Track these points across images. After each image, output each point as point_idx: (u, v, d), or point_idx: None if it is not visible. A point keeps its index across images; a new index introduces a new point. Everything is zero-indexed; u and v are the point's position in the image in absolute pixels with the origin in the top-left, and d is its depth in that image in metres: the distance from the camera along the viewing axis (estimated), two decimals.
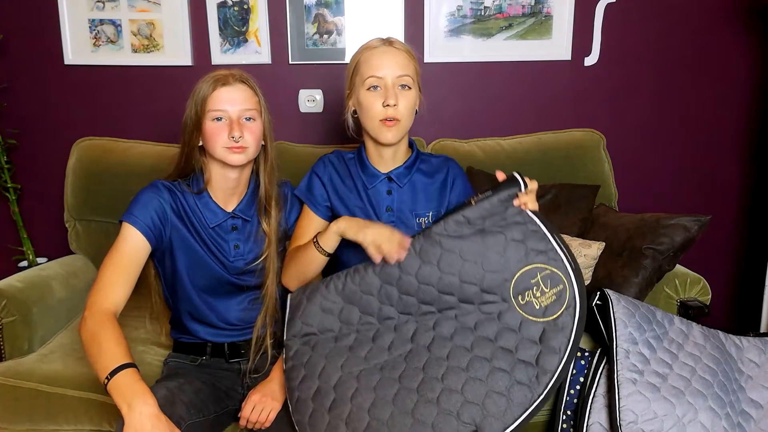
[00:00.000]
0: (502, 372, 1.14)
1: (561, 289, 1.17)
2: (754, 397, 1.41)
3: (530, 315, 1.17)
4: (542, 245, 1.19)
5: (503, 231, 1.20)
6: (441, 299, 1.21)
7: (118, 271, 1.22)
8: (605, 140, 2.06)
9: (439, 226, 1.23)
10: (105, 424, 1.41)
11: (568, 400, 1.46)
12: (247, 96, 1.30)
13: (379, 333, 1.23)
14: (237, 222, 1.37)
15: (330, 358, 1.22)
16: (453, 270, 1.20)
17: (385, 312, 1.24)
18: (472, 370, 1.14)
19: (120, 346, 1.10)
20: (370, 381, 1.17)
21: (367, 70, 1.34)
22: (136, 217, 1.26)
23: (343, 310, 1.26)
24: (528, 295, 1.18)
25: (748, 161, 2.31)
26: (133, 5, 2.04)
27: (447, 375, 1.14)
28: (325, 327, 1.26)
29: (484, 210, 1.21)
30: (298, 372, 1.23)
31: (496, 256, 1.19)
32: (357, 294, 1.25)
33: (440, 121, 2.17)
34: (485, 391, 1.13)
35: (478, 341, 1.17)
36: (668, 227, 1.63)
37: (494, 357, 1.15)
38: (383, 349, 1.21)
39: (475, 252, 1.20)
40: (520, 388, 1.13)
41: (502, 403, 1.12)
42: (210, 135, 1.29)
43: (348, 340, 1.24)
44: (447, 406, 1.12)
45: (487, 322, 1.18)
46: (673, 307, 1.69)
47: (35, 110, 2.12)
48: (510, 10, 2.12)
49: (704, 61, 2.22)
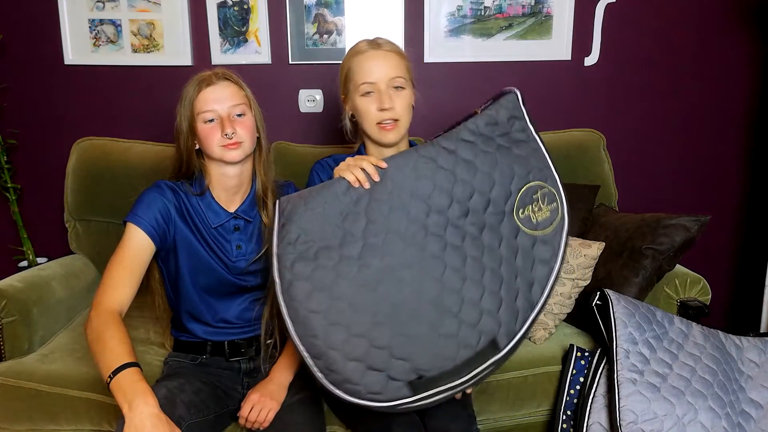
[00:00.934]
0: (506, 283, 1.17)
1: (554, 206, 1.23)
2: (754, 397, 1.41)
3: (525, 227, 1.21)
4: (542, 163, 1.25)
5: (511, 146, 1.24)
6: (452, 206, 1.19)
7: (123, 271, 1.22)
8: (605, 140, 2.06)
9: (452, 135, 1.24)
10: (105, 424, 1.41)
11: (568, 400, 1.47)
12: (233, 92, 1.31)
13: (388, 240, 1.15)
14: (239, 222, 1.37)
15: (338, 270, 1.12)
16: (467, 178, 1.20)
17: (392, 218, 1.17)
18: (487, 282, 1.16)
19: (124, 345, 1.10)
20: (388, 294, 1.12)
21: (360, 77, 1.35)
22: (140, 217, 1.26)
23: (348, 216, 1.16)
24: (527, 210, 1.21)
25: (748, 161, 2.31)
26: (133, 5, 2.04)
27: (464, 289, 1.15)
28: (326, 234, 1.14)
29: (488, 117, 1.25)
30: (302, 286, 1.11)
31: (506, 170, 1.22)
32: (365, 198, 1.17)
33: (440, 121, 2.16)
34: (498, 302, 1.15)
35: (485, 251, 1.18)
36: (668, 227, 1.63)
37: (501, 267, 1.18)
38: (395, 257, 1.14)
39: (488, 163, 1.22)
40: (522, 295, 1.18)
41: (512, 311, 1.16)
42: (204, 137, 1.29)
43: (353, 249, 1.14)
44: (468, 319, 1.13)
45: (490, 231, 1.20)
46: (673, 307, 1.69)
47: (35, 110, 2.12)
48: (510, 10, 2.12)
49: (704, 60, 2.22)
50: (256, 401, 1.28)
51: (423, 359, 1.13)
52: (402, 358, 1.11)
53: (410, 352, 1.11)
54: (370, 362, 1.10)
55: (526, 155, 1.24)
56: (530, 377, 1.53)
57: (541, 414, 1.55)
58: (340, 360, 1.09)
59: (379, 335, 1.10)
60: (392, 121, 1.35)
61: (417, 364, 1.12)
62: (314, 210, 1.15)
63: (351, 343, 1.10)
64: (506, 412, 1.54)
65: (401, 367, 1.11)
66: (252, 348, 1.40)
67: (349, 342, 1.09)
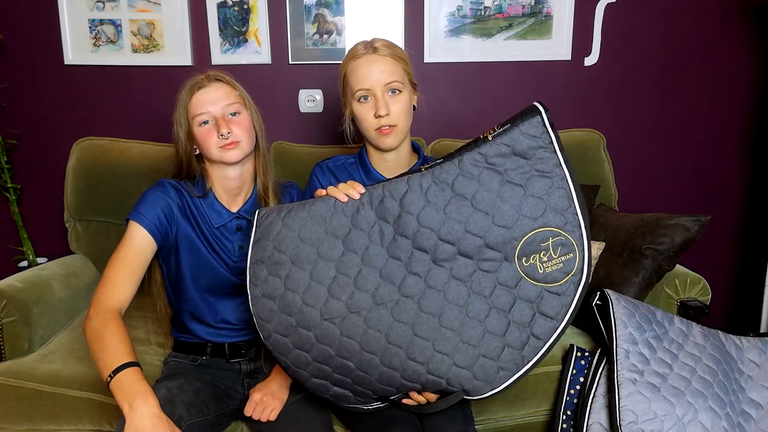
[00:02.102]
0: (494, 336, 1.07)
1: (570, 257, 1.07)
2: (754, 397, 1.41)
3: (530, 277, 1.07)
4: (564, 204, 1.07)
5: (524, 183, 1.07)
6: (438, 248, 1.08)
7: (123, 270, 1.22)
8: (605, 140, 2.07)
9: (452, 166, 1.09)
10: (105, 424, 1.41)
11: (568, 400, 1.47)
12: (226, 92, 1.31)
13: (361, 275, 1.09)
14: (242, 223, 1.37)
15: (306, 297, 1.09)
16: (460, 217, 1.07)
17: (371, 252, 1.09)
18: (464, 334, 1.07)
19: (124, 344, 1.10)
20: (354, 331, 1.08)
21: (355, 83, 1.33)
22: (142, 215, 1.26)
23: (324, 242, 1.10)
24: (533, 258, 1.07)
25: (748, 161, 2.31)
26: (133, 5, 2.04)
27: (438, 338, 1.07)
28: (299, 257, 1.10)
29: (503, 146, 1.08)
30: (269, 305, 1.10)
31: (510, 211, 1.07)
32: (346, 226, 1.10)
33: (440, 121, 2.17)
34: (476, 356, 1.07)
35: (471, 298, 1.08)
36: (668, 227, 1.63)
37: (488, 317, 1.07)
38: (366, 293, 1.08)
39: (488, 202, 1.07)
40: (510, 352, 1.08)
41: (492, 369, 1.08)
42: (202, 140, 1.29)
43: (325, 277, 1.09)
44: (436, 370, 1.08)
45: (483, 277, 1.08)
46: (673, 307, 1.69)
47: (35, 110, 2.12)
48: (510, 10, 2.12)
49: (704, 60, 2.22)
50: (258, 401, 1.28)
51: (385, 392, 1.14)
52: (364, 387, 1.13)
53: (372, 386, 1.13)
54: (333, 381, 1.13)
55: (544, 194, 1.07)
56: (530, 377, 1.53)
57: (541, 414, 1.55)
58: (306, 376, 1.13)
59: (342, 366, 1.11)
60: (389, 127, 1.33)
61: (380, 393, 1.15)
62: (291, 229, 1.12)
63: (315, 367, 1.12)
64: (506, 412, 1.54)
65: (364, 392, 1.14)
66: (252, 349, 1.40)
67: (313, 365, 1.12)
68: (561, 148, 1.09)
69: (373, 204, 1.12)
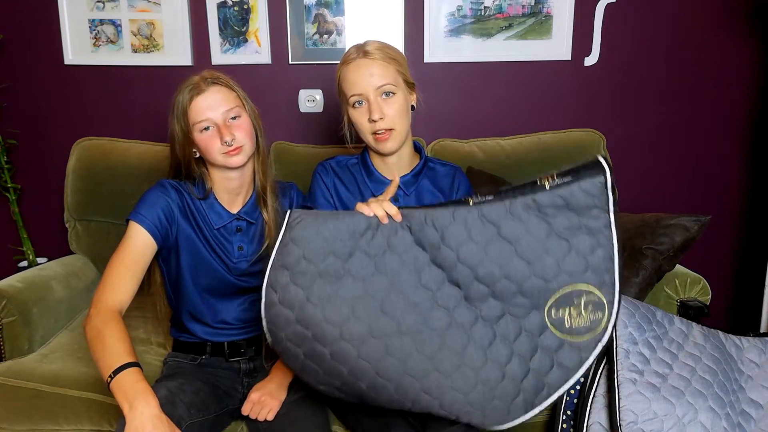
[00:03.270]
0: (512, 380, 1.07)
1: (599, 317, 1.06)
2: (754, 397, 1.41)
3: (555, 328, 1.07)
4: (604, 266, 1.06)
5: (570, 238, 1.05)
6: (472, 286, 1.07)
7: (124, 270, 1.22)
8: (605, 140, 2.06)
9: (502, 207, 1.07)
10: (105, 424, 1.41)
11: (568, 400, 1.46)
12: (225, 96, 1.29)
13: (390, 300, 1.06)
14: (242, 224, 1.37)
15: (327, 312, 1.05)
16: (500, 260, 1.05)
17: (403, 277, 1.07)
18: (482, 374, 1.06)
19: (124, 344, 1.10)
20: (372, 355, 1.05)
21: (348, 89, 1.32)
22: (143, 216, 1.26)
23: (355, 258, 1.07)
24: (563, 312, 1.07)
25: (748, 161, 2.31)
26: (133, 5, 2.04)
27: (456, 375, 1.06)
28: (328, 271, 1.06)
29: (559, 199, 1.05)
30: (286, 313, 1.06)
31: (551, 262, 1.05)
32: (381, 247, 1.07)
33: (440, 121, 2.17)
34: (491, 398, 1.07)
35: (496, 341, 1.07)
36: (668, 227, 1.63)
37: (509, 363, 1.07)
38: (392, 320, 1.05)
39: (531, 250, 1.05)
40: (523, 397, 1.08)
41: (503, 411, 1.08)
42: (204, 146, 1.29)
43: (351, 296, 1.06)
44: (449, 407, 1.08)
45: (511, 322, 1.08)
46: (673, 307, 1.69)
47: (35, 110, 2.12)
48: (510, 10, 2.12)
49: (704, 60, 2.21)
50: (256, 401, 1.28)
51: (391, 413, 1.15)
52: (370, 403, 1.12)
53: (380, 406, 1.12)
54: (340, 392, 1.12)
55: (588, 253, 1.05)
56: None
57: (541, 414, 1.54)
58: (312, 383, 1.12)
59: (352, 385, 1.09)
60: (385, 131, 1.31)
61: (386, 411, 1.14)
62: (325, 239, 1.08)
63: (323, 380, 1.10)
64: None
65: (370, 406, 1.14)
66: (252, 348, 1.40)
67: (321, 377, 1.10)
68: (616, 210, 1.07)
69: (412, 228, 1.09)
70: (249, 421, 1.30)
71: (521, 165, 1.99)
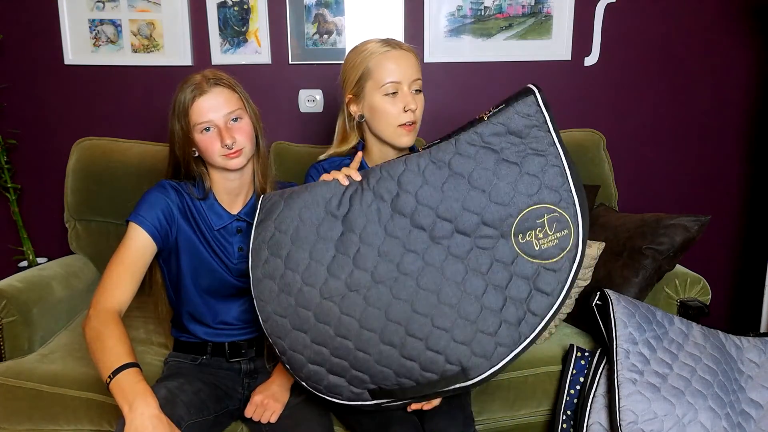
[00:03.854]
0: (491, 311, 1.09)
1: (565, 234, 1.08)
2: (754, 397, 1.41)
3: (526, 254, 1.09)
4: (558, 182, 1.10)
5: (519, 161, 1.10)
6: (436, 225, 1.11)
7: (123, 271, 1.21)
8: (605, 140, 2.06)
9: (449, 145, 1.13)
10: (105, 424, 1.41)
11: (568, 400, 1.47)
12: (227, 97, 1.27)
13: (360, 254, 1.11)
14: (242, 225, 1.37)
15: (305, 276, 1.12)
16: (457, 195, 1.10)
17: (369, 230, 1.12)
18: (461, 310, 1.08)
19: (123, 345, 1.10)
20: (353, 309, 1.10)
21: (384, 75, 1.32)
22: (143, 217, 1.26)
23: (324, 222, 1.14)
24: (529, 235, 1.09)
25: (748, 161, 2.31)
26: (133, 5, 2.04)
27: (436, 314, 1.08)
28: (299, 236, 1.14)
29: (498, 126, 1.12)
30: (270, 285, 1.13)
31: (506, 188, 1.10)
32: (345, 207, 1.14)
33: (440, 121, 2.17)
34: (474, 332, 1.08)
35: (469, 275, 1.10)
36: (668, 227, 1.63)
37: (485, 294, 1.09)
38: (365, 272, 1.10)
39: (484, 179, 1.10)
40: (507, 328, 1.08)
41: (490, 345, 1.08)
42: (204, 147, 1.28)
43: (325, 257, 1.12)
44: (435, 345, 1.08)
45: (480, 254, 1.10)
46: (673, 307, 1.69)
47: (35, 110, 2.12)
48: (510, 10, 2.12)
49: (704, 60, 2.22)
50: (259, 403, 1.28)
51: (382, 375, 1.12)
52: (361, 370, 1.12)
53: (370, 368, 1.12)
54: (330, 368, 1.13)
55: (539, 172, 1.10)
56: (530, 377, 1.53)
57: (541, 414, 1.55)
58: (302, 361, 1.14)
59: (340, 346, 1.11)
60: (412, 123, 1.33)
61: (376, 379, 1.13)
62: (292, 209, 1.16)
63: (312, 350, 1.12)
64: (506, 412, 1.54)
65: (360, 377, 1.13)
66: (252, 349, 1.40)
67: (310, 348, 1.12)
68: (555, 128, 1.12)
69: (370, 184, 1.15)
70: (250, 423, 1.30)
71: None
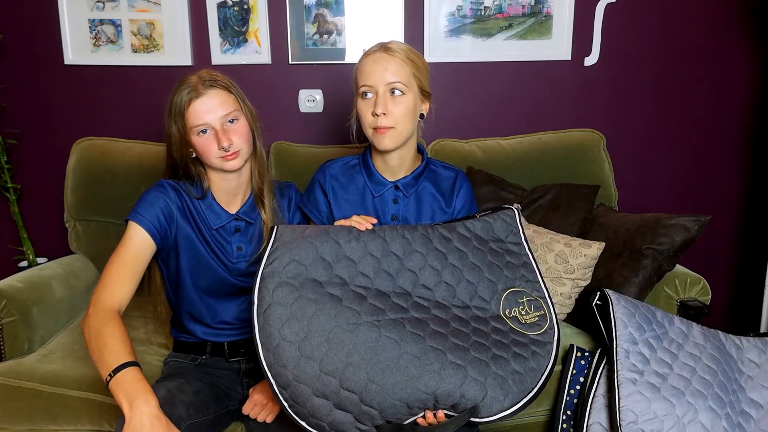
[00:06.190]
0: (502, 359, 1.14)
1: (542, 314, 1.26)
2: (754, 397, 1.41)
3: (516, 326, 1.22)
4: (531, 276, 1.31)
5: (503, 253, 1.31)
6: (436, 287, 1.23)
7: (122, 270, 1.21)
8: (605, 140, 2.06)
9: (448, 226, 1.30)
10: (105, 424, 1.41)
11: (568, 400, 1.46)
12: (223, 99, 1.27)
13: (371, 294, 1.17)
14: (240, 224, 1.37)
15: (321, 303, 1.12)
16: (457, 264, 1.26)
17: (380, 280, 1.20)
18: (473, 351, 1.13)
19: (123, 344, 1.10)
20: (369, 337, 1.10)
21: (360, 78, 1.33)
22: (142, 216, 1.26)
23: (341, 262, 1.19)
24: (514, 311, 1.24)
25: (748, 161, 2.31)
26: (133, 5, 2.04)
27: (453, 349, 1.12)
28: (317, 270, 1.16)
29: (486, 224, 1.33)
30: (280, 312, 1.10)
31: (495, 269, 1.28)
32: (359, 251, 1.21)
33: (440, 121, 2.16)
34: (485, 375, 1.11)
35: (473, 331, 1.17)
36: (668, 227, 1.63)
37: (493, 346, 1.16)
38: (376, 309, 1.14)
39: (479, 258, 1.28)
40: (518, 377, 1.14)
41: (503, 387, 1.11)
42: (201, 149, 1.28)
43: (339, 291, 1.15)
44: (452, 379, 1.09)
45: (481, 319, 1.21)
46: (673, 307, 1.69)
47: (35, 110, 2.12)
48: (510, 10, 2.12)
49: (704, 61, 2.22)
50: (258, 401, 1.28)
51: (394, 409, 1.09)
52: (372, 405, 1.08)
53: (381, 401, 1.08)
54: (338, 402, 1.08)
55: (517, 265, 1.31)
56: None
57: (541, 414, 1.55)
58: (307, 394, 1.07)
59: (352, 377, 1.07)
60: (385, 128, 1.30)
61: (387, 414, 1.09)
62: (312, 244, 1.18)
63: (321, 380, 1.07)
64: None
65: (370, 413, 1.08)
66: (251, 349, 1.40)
67: (319, 378, 1.07)
68: (525, 236, 1.37)
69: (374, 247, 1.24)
70: (250, 422, 1.30)
71: (521, 165, 1.99)
